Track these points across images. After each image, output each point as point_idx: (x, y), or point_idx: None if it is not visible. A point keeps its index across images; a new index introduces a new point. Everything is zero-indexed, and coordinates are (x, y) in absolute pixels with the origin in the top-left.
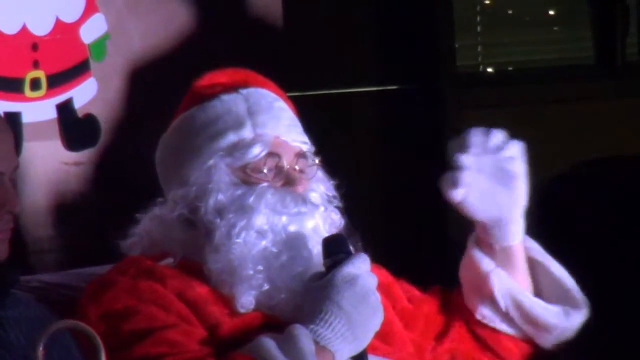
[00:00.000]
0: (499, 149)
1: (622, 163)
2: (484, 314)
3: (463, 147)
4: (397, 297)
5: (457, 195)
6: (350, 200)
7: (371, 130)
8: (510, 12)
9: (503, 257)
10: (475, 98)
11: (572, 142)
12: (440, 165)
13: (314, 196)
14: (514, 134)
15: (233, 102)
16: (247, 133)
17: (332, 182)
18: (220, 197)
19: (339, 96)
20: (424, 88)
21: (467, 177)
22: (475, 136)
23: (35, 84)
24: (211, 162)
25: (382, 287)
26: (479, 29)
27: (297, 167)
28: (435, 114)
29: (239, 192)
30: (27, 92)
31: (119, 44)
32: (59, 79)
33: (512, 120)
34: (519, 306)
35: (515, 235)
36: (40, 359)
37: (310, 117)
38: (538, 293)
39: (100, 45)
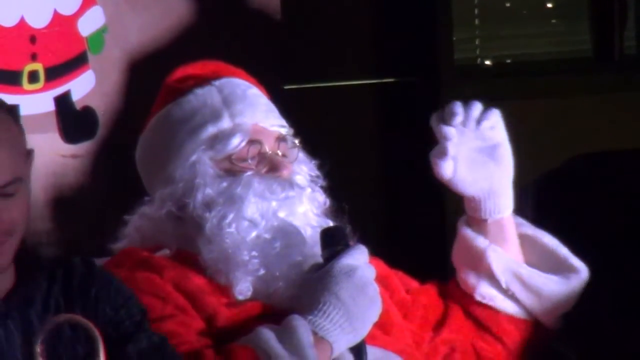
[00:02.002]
0: (480, 120)
1: (620, 157)
2: (483, 293)
3: (445, 120)
4: (395, 288)
5: (447, 168)
6: (348, 193)
7: (369, 123)
8: (508, 5)
9: (495, 232)
10: (473, 91)
11: (569, 135)
12: None
13: (299, 179)
14: (512, 127)
15: (208, 95)
16: (225, 124)
17: (313, 162)
18: (208, 191)
19: (337, 89)
20: (422, 81)
21: (452, 148)
22: (456, 108)
23: (33, 77)
24: (194, 157)
25: (380, 279)
26: (477, 22)
27: (279, 152)
28: (433, 107)
29: (225, 184)
30: (25, 84)
31: (117, 36)
32: (57, 72)
33: (509, 113)
34: (519, 279)
35: (507, 206)
36: (38, 355)
37: (309, 109)
38: (532, 265)
39: (98, 38)
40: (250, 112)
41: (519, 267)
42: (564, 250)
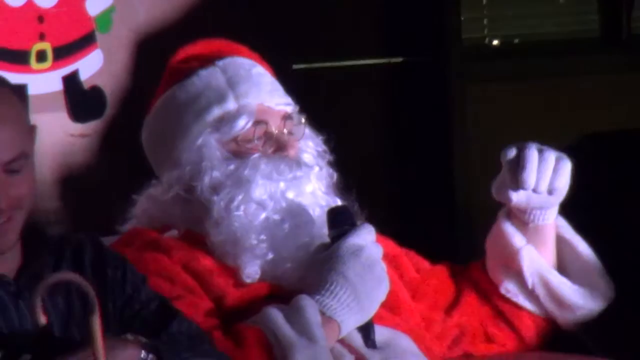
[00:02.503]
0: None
1: (626, 137)
2: (509, 288)
3: (522, 167)
4: (405, 267)
5: (515, 198)
6: (357, 172)
7: (376, 103)
8: None
9: (534, 234)
10: (480, 70)
11: (576, 115)
12: (445, 136)
13: (307, 157)
14: (518, 107)
15: (212, 76)
16: (230, 105)
17: (320, 137)
18: (215, 173)
19: (345, 68)
20: (430, 60)
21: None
22: (531, 156)
23: (41, 56)
24: (200, 140)
25: (389, 258)
26: (484, 1)
27: (285, 131)
28: (440, 86)
29: (232, 166)
30: (33, 64)
31: (125, 16)
32: (65, 51)
33: (517, 92)
34: (546, 284)
35: (551, 216)
36: (38, 311)
37: (316, 89)
38: (563, 270)
39: (105, 17)
40: (255, 92)
41: (549, 274)
42: (597, 264)
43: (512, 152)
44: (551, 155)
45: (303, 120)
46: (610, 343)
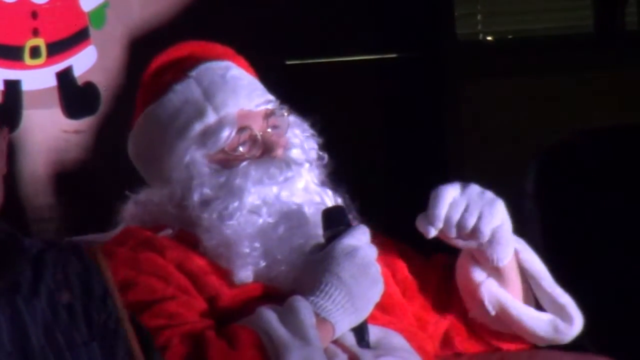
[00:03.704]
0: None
1: (620, 133)
2: (476, 315)
3: (432, 205)
4: (398, 267)
5: (428, 232)
6: (350, 168)
7: (370, 98)
8: None
9: (494, 270)
10: (474, 66)
11: (570, 111)
12: (439, 131)
13: (295, 153)
14: (513, 103)
15: (187, 90)
16: (210, 119)
17: (306, 122)
18: (205, 190)
19: (339, 64)
20: (424, 56)
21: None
22: (444, 195)
23: (35, 52)
24: (187, 157)
25: (382, 257)
26: None
27: (269, 130)
28: (434, 82)
29: (222, 178)
30: (27, 60)
31: (119, 11)
32: (59, 47)
33: (510, 88)
34: (507, 315)
35: (506, 256)
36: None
37: (310, 85)
38: (534, 299)
39: (99, 13)
40: (233, 99)
41: (509, 306)
42: (562, 298)
43: (436, 190)
44: (472, 197)
45: (285, 112)
46: (610, 343)
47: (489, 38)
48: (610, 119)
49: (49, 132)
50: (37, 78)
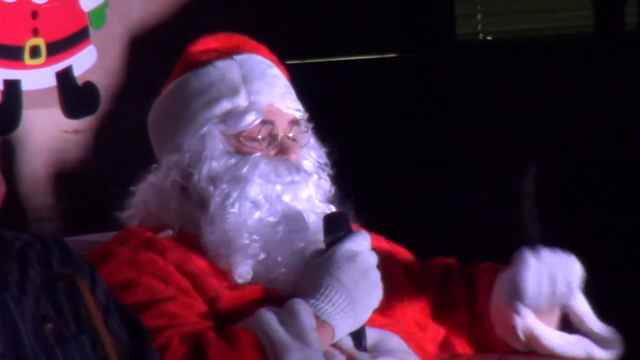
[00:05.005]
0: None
1: (620, 133)
2: (503, 334)
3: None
4: (397, 271)
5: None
6: (349, 168)
7: (370, 98)
8: None
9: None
10: (474, 66)
11: (570, 111)
12: (439, 132)
13: (307, 164)
14: (513, 102)
15: (227, 69)
16: (241, 100)
17: (323, 149)
18: (214, 164)
19: (338, 64)
20: (424, 56)
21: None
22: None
23: (34, 52)
24: (205, 129)
25: (381, 260)
26: None
27: (290, 135)
28: (434, 82)
29: (232, 161)
30: (27, 59)
31: (119, 11)
32: (59, 47)
33: (510, 88)
34: (538, 345)
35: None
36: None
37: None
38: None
39: (99, 12)
40: (267, 91)
41: (542, 336)
42: (597, 325)
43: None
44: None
45: (310, 128)
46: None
47: (489, 38)
48: (610, 119)
49: (48, 132)
50: (37, 78)
